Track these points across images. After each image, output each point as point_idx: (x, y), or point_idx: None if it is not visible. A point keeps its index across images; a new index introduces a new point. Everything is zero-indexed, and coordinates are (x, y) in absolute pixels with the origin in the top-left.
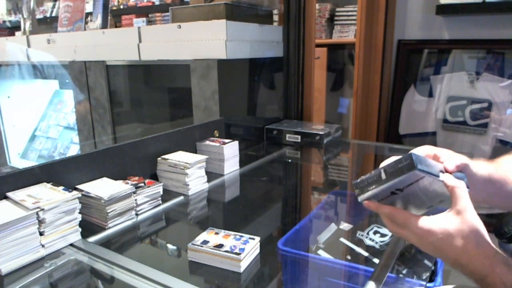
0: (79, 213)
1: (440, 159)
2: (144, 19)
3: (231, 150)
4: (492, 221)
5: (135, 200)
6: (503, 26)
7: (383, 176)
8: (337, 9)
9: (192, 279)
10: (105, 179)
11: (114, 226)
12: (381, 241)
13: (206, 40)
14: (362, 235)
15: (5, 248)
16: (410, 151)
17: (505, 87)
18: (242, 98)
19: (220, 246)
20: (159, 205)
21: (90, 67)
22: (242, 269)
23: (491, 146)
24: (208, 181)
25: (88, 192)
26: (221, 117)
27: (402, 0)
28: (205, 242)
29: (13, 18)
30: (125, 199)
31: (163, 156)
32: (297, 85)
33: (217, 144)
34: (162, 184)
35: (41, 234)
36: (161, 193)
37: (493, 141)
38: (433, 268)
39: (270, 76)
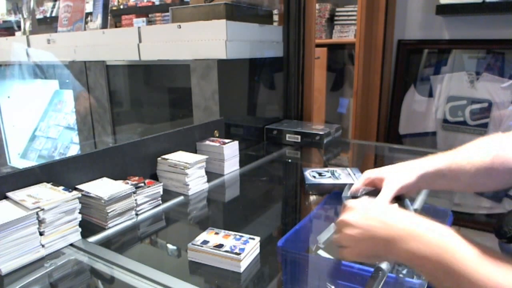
0: (79, 213)
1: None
2: (144, 19)
3: (231, 150)
4: (492, 221)
5: (135, 200)
6: (503, 26)
7: None
8: (337, 9)
9: (192, 279)
10: (105, 179)
11: (114, 226)
12: None
13: (206, 40)
14: None
15: (5, 248)
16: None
17: (505, 87)
18: (242, 98)
19: (220, 246)
20: (159, 205)
21: (90, 67)
22: (242, 269)
23: None
24: (208, 181)
25: (88, 192)
26: (221, 117)
27: (402, 0)
28: (205, 242)
29: (13, 18)
30: (125, 199)
31: (163, 156)
32: (297, 85)
33: (217, 144)
34: (162, 184)
35: (41, 234)
36: (161, 193)
37: None
38: None
39: (270, 76)
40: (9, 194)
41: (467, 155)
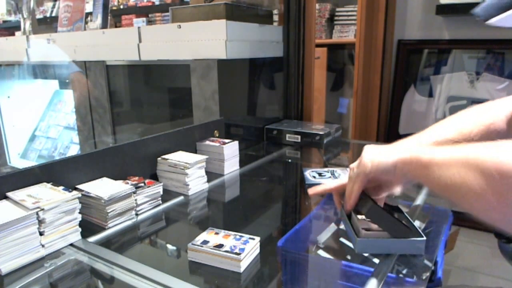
0: (79, 213)
1: None
2: (144, 19)
3: (231, 150)
4: None
5: (135, 200)
6: None
7: None
8: (337, 9)
9: (192, 279)
10: (105, 179)
11: (114, 226)
12: None
13: (206, 40)
14: None
15: (5, 248)
16: None
17: (505, 87)
18: (242, 98)
19: (220, 246)
20: (159, 205)
21: (90, 67)
22: (242, 269)
23: None
24: (208, 181)
25: (88, 192)
26: (221, 117)
27: (402, 0)
28: (205, 242)
29: (13, 18)
30: (125, 199)
31: (163, 156)
32: (297, 85)
33: (217, 144)
34: (162, 184)
35: (41, 234)
36: (161, 193)
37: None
38: (433, 268)
39: (270, 76)
40: (9, 194)
41: (463, 124)
